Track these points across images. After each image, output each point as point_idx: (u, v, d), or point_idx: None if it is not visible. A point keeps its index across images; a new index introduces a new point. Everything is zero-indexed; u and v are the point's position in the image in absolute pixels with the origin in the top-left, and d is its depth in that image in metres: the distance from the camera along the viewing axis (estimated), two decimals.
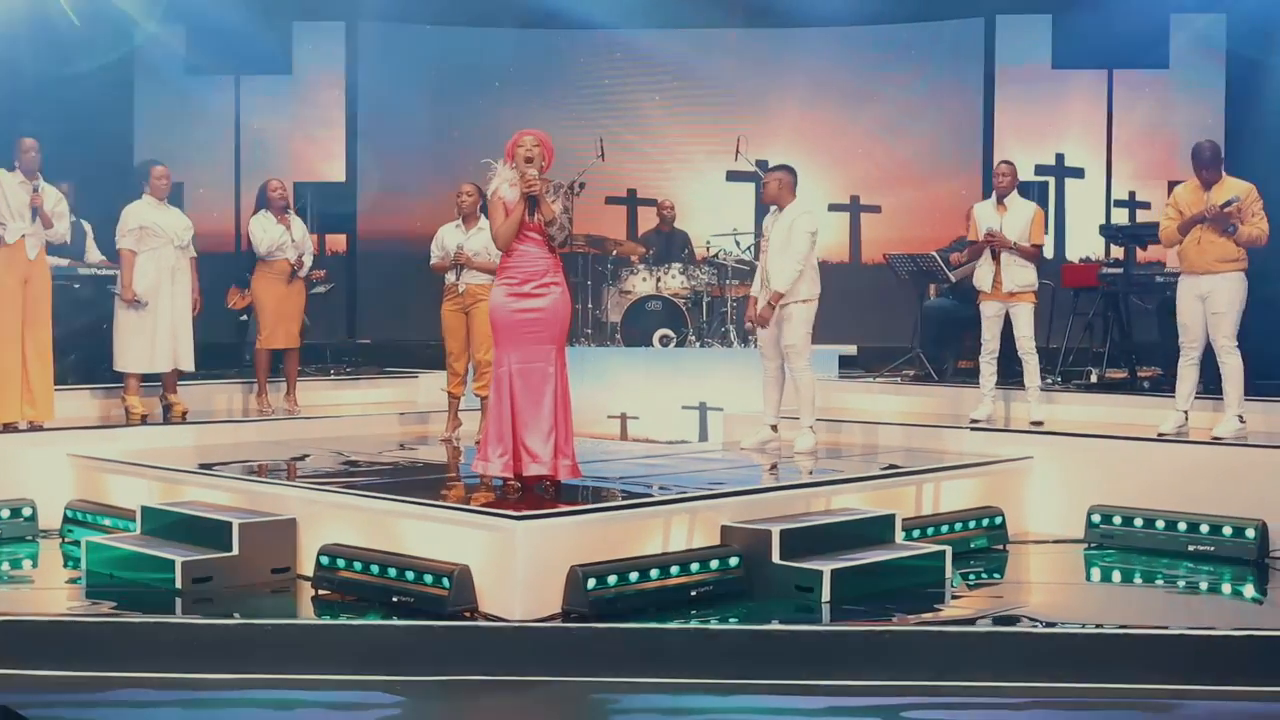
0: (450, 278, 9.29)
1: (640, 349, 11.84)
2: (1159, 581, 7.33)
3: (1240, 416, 8.10)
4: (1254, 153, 11.73)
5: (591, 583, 6.12)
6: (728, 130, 13.09)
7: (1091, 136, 13.33)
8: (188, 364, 9.35)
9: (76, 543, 7.58)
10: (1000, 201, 9.10)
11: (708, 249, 12.71)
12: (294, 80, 13.77)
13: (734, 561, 6.62)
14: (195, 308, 9.40)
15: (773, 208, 8.69)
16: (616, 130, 13.80)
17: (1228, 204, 7.95)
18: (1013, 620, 6.44)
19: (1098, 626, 6.15)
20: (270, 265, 9.84)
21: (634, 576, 6.28)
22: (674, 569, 6.44)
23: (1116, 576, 7.52)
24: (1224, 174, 8.17)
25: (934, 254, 10.75)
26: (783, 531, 6.67)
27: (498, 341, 6.82)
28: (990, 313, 9.06)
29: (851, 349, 12.20)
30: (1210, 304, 8.04)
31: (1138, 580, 7.39)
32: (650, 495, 7.08)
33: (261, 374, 9.97)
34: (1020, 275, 8.95)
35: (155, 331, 9.13)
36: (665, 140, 14.22)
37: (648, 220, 13.65)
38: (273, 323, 9.85)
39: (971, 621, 6.36)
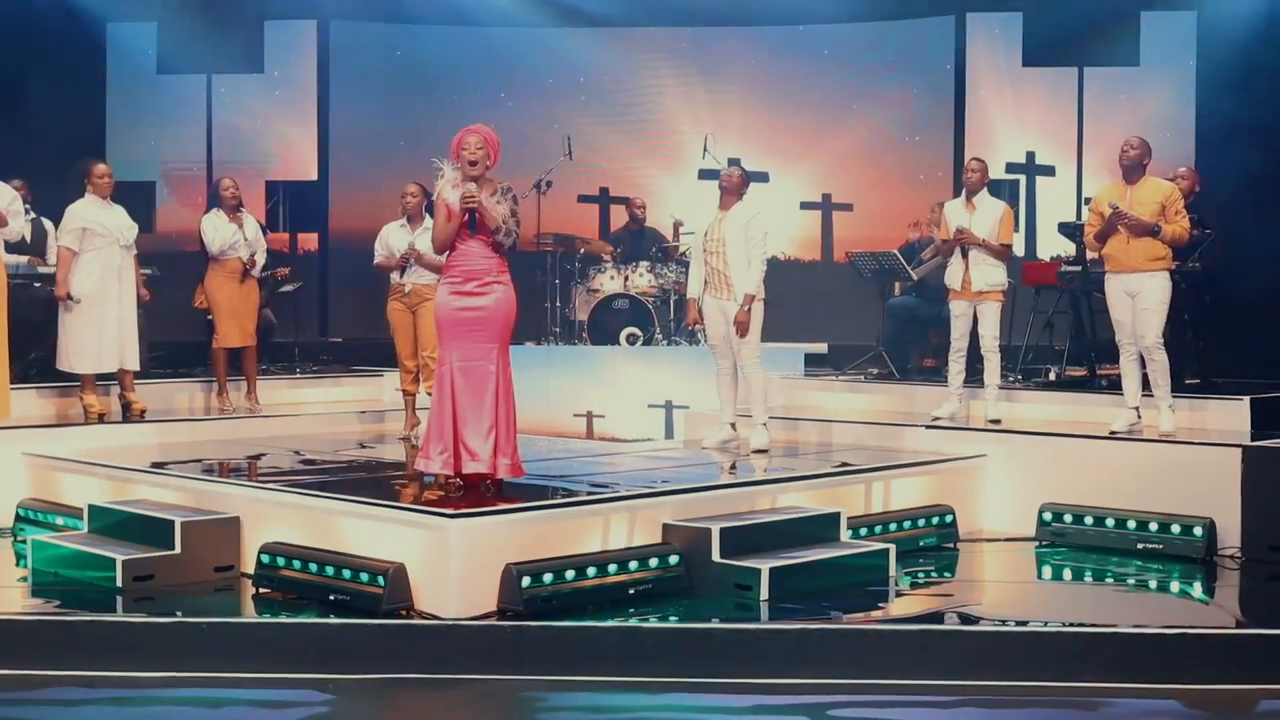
0: (396, 277, 9.32)
1: (607, 347, 11.83)
2: (1108, 580, 7.33)
3: (1171, 408, 8.14)
4: (1225, 150, 11.73)
5: (526, 581, 6.12)
6: (700, 128, 13.08)
7: (1062, 134, 13.31)
8: (133, 363, 9.28)
9: (26, 541, 7.57)
10: (969, 199, 9.09)
11: (676, 244, 12.64)
12: (265, 79, 13.76)
13: (674, 560, 6.62)
14: (144, 300, 9.40)
15: (715, 210, 8.66)
16: (589, 128, 13.80)
17: (1116, 212, 8.00)
18: (953, 619, 6.44)
19: (1046, 624, 6.14)
20: (223, 264, 9.83)
21: (570, 575, 6.27)
22: (612, 567, 6.44)
23: (1066, 575, 7.51)
24: (1146, 174, 8.18)
25: (895, 252, 10.75)
26: (723, 530, 6.67)
27: (441, 339, 6.82)
28: (958, 311, 9.04)
29: (822, 347, 12.20)
30: (1139, 301, 8.08)
31: (1087, 579, 7.40)
32: (590, 493, 7.07)
33: (220, 373, 9.97)
34: (989, 274, 8.94)
35: (102, 331, 9.08)
36: (638, 138, 14.21)
37: (621, 218, 13.65)
38: (228, 322, 9.85)
39: (906, 620, 6.36)
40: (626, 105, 14.22)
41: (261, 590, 6.61)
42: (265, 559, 6.64)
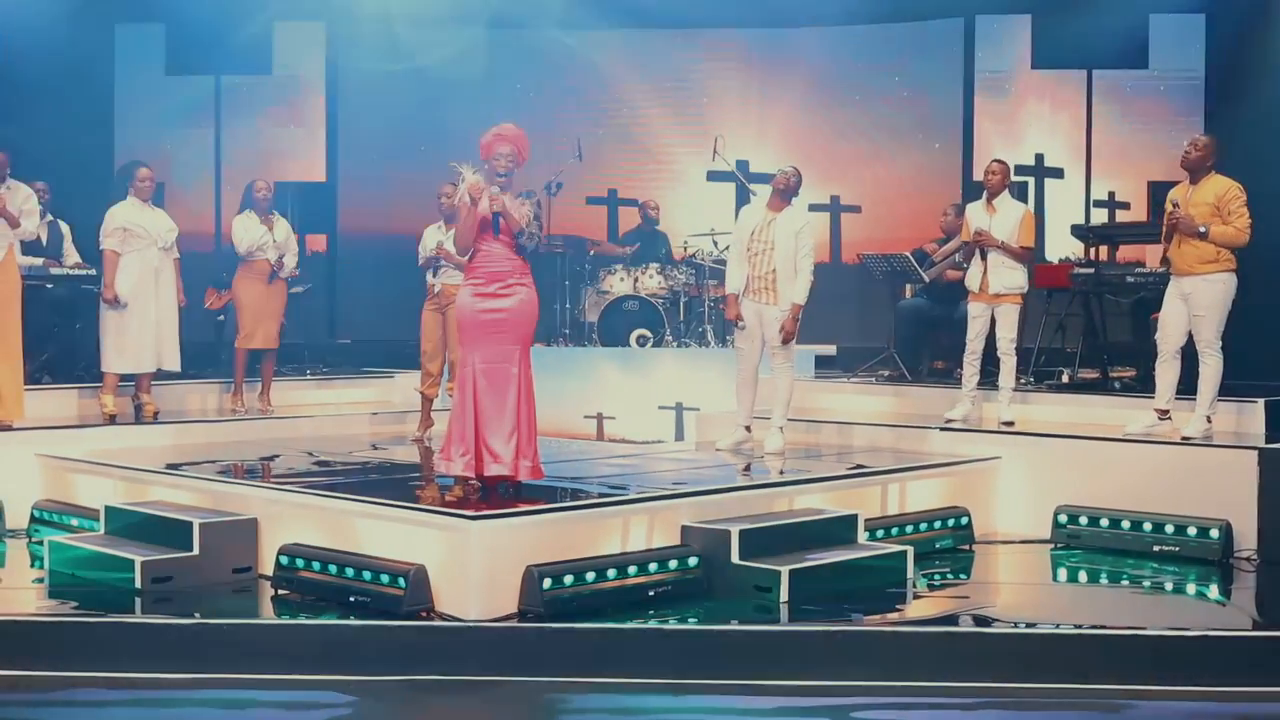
0: (429, 277, 9.31)
1: (617, 349, 11.84)
2: (1124, 582, 7.33)
3: (1209, 417, 8.10)
4: (1234, 153, 11.72)
5: (547, 582, 6.12)
6: (709, 130, 13.08)
7: (1071, 137, 13.32)
8: (173, 363, 9.39)
9: (42, 542, 7.56)
10: (990, 201, 9.08)
11: (685, 248, 12.68)
12: (274, 80, 13.75)
13: (693, 561, 6.62)
14: (181, 304, 9.44)
15: (763, 209, 8.63)
16: (598, 130, 13.80)
17: (1174, 210, 7.97)
18: (971, 621, 6.46)
19: (1057, 626, 6.15)
20: (251, 265, 9.85)
21: (591, 576, 6.28)
22: (631, 569, 6.44)
23: (1082, 577, 7.52)
24: (1213, 172, 8.12)
25: (907, 254, 10.75)
26: (742, 531, 6.67)
27: (463, 341, 6.83)
28: (975, 313, 9.03)
29: (831, 349, 12.19)
30: (1192, 305, 8.03)
31: (1103, 580, 7.40)
32: (609, 495, 7.08)
33: (239, 374, 9.98)
34: (1008, 277, 8.93)
35: (140, 332, 9.17)
36: (646, 140, 14.21)
37: (629, 220, 13.66)
38: (252, 323, 9.86)
39: (927, 622, 6.36)
40: (635, 107, 14.19)
41: (280, 592, 6.61)
42: (284, 560, 6.64)
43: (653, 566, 6.51)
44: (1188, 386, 8.37)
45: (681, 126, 14.10)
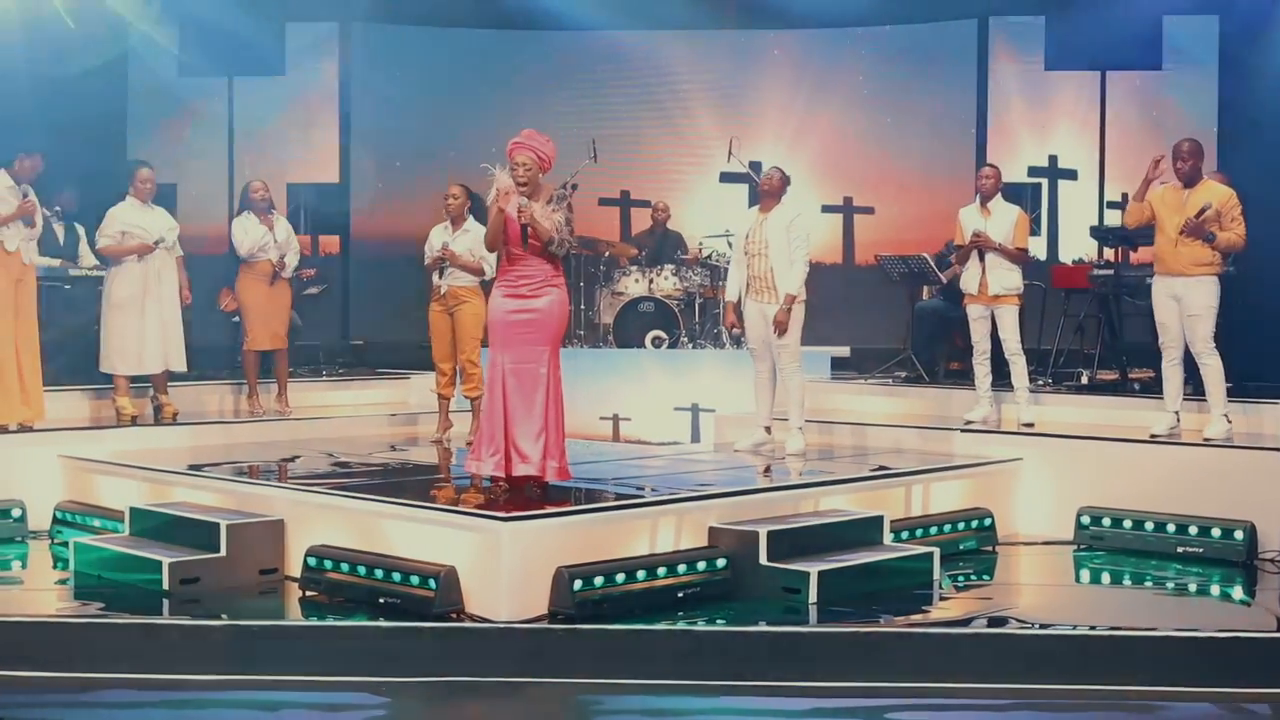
0: (435, 278, 9.30)
1: (633, 350, 11.84)
2: (1148, 583, 7.34)
3: (1226, 416, 8.12)
4: (1247, 154, 11.73)
5: (578, 584, 6.11)
6: (722, 131, 13.09)
7: (1084, 138, 13.35)
8: (179, 364, 9.34)
9: (65, 544, 7.55)
10: (984, 205, 9.12)
11: (700, 249, 12.68)
12: (287, 81, 13.75)
13: (721, 563, 6.62)
14: (185, 302, 9.40)
15: (756, 212, 8.67)
16: (610, 131, 13.78)
17: (1202, 212, 7.97)
18: (998, 622, 6.46)
19: (1075, 628, 6.15)
20: (253, 267, 9.82)
21: (620, 578, 6.27)
22: (661, 570, 6.44)
23: (1105, 578, 7.51)
24: (1205, 177, 8.16)
25: (925, 255, 10.75)
26: (770, 533, 6.67)
27: (492, 342, 6.83)
28: (976, 315, 9.08)
29: (845, 350, 12.21)
30: (1185, 307, 8.07)
31: (1126, 582, 7.40)
32: (638, 496, 7.08)
33: (251, 375, 9.96)
34: (1005, 278, 8.97)
35: (144, 333, 9.11)
36: (659, 141, 14.23)
37: (641, 221, 13.66)
38: (258, 324, 9.83)
39: (957, 623, 6.36)
40: (648, 108, 14.23)
41: (308, 593, 6.61)
42: (312, 562, 6.63)
43: (681, 568, 6.51)
44: (1198, 389, 8.37)
45: (696, 128, 14.11)
